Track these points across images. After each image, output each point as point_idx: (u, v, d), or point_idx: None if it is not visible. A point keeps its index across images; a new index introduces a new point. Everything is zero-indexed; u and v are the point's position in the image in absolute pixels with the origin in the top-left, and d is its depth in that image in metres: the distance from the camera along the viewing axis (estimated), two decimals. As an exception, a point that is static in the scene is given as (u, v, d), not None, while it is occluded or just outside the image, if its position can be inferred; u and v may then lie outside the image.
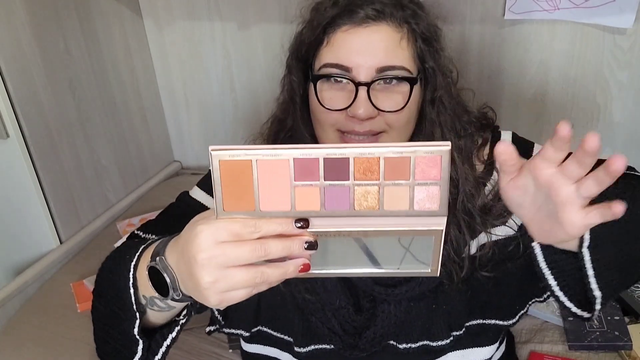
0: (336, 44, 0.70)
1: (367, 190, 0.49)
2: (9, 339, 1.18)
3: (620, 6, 1.23)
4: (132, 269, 0.63)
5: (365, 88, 0.70)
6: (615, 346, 1.02)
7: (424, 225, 0.50)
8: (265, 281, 0.50)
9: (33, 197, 1.37)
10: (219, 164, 0.49)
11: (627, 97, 1.35)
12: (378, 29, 0.70)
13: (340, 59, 0.70)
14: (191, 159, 1.92)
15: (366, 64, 0.69)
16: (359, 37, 0.69)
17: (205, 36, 1.66)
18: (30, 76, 1.31)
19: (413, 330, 0.82)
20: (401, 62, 0.71)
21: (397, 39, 0.70)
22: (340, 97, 0.72)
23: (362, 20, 0.69)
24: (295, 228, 0.50)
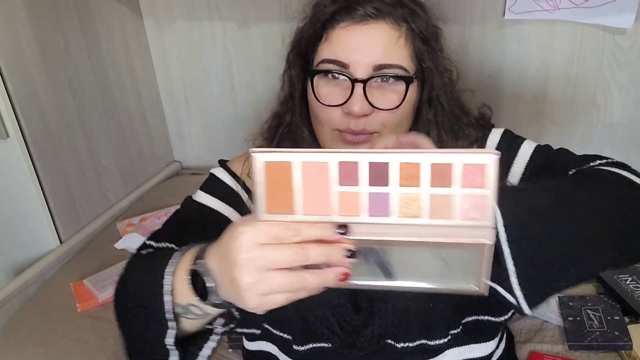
0: (334, 40, 0.71)
1: (410, 197, 0.47)
2: (9, 339, 1.18)
3: (620, 6, 1.23)
4: (169, 276, 0.62)
5: (361, 85, 0.70)
6: (615, 346, 1.02)
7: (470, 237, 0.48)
8: (305, 287, 0.50)
9: (33, 197, 1.37)
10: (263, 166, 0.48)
11: (627, 97, 1.35)
12: (377, 26, 0.70)
13: (337, 55, 0.71)
14: (191, 159, 1.92)
15: (363, 61, 0.70)
16: (357, 34, 0.70)
17: (205, 36, 1.66)
18: (30, 76, 1.31)
19: (411, 329, 0.81)
20: (398, 60, 0.71)
21: (395, 38, 0.70)
22: (336, 94, 0.72)
23: (361, 17, 0.69)
24: (335, 234, 0.49)
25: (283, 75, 0.83)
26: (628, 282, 1.15)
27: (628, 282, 1.15)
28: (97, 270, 1.34)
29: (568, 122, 1.43)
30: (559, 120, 1.43)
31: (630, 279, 1.16)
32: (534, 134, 1.48)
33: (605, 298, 1.13)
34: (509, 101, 1.45)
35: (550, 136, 1.46)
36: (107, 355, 1.12)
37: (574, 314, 1.10)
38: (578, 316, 1.09)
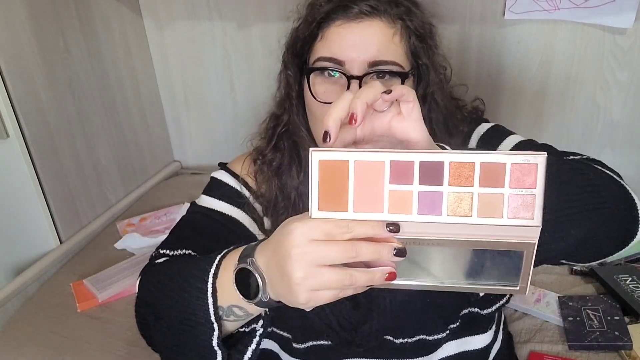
0: (330, 39, 0.72)
1: (460, 196, 0.48)
2: (9, 339, 1.18)
3: (620, 6, 1.23)
4: (211, 278, 0.63)
5: (357, 82, 0.71)
6: (615, 346, 1.02)
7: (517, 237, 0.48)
8: (353, 284, 0.51)
9: (33, 197, 1.37)
10: (318, 164, 0.49)
11: (627, 97, 1.35)
12: (371, 24, 0.71)
13: (333, 53, 0.71)
14: (191, 159, 1.92)
15: (359, 58, 0.70)
16: (352, 32, 0.71)
17: (205, 36, 1.66)
18: (30, 76, 1.31)
19: (409, 325, 0.82)
20: (393, 57, 0.72)
21: (390, 35, 0.71)
22: (332, 91, 0.73)
23: (356, 15, 0.70)
24: (386, 232, 0.50)
25: (279, 75, 0.84)
26: (628, 282, 1.15)
27: (628, 282, 1.15)
28: (97, 270, 1.34)
29: (568, 121, 1.43)
30: (559, 120, 1.43)
31: (630, 279, 1.16)
32: (533, 134, 1.48)
33: (605, 298, 1.13)
34: (508, 101, 1.45)
35: (550, 136, 1.46)
36: (107, 356, 1.12)
37: (574, 314, 1.10)
38: (578, 316, 1.09)
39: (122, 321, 1.20)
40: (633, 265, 1.22)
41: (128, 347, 1.13)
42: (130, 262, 1.36)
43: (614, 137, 1.41)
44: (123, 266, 1.34)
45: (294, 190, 0.82)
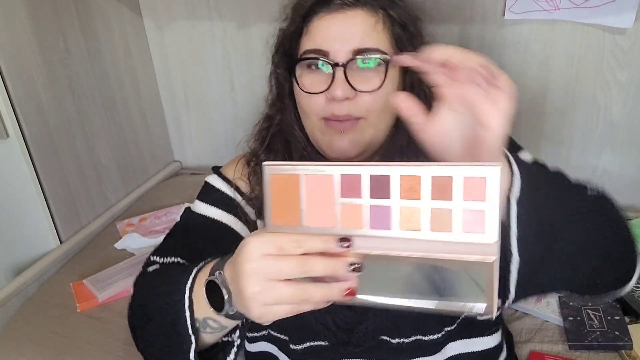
0: (314, 31, 0.73)
1: (411, 210, 0.47)
2: (9, 339, 1.18)
3: (620, 6, 1.23)
4: (187, 291, 0.63)
5: (342, 69, 0.71)
6: (616, 346, 1.02)
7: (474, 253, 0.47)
8: (308, 300, 0.51)
9: (33, 197, 1.37)
10: (270, 178, 0.49)
11: (627, 97, 1.35)
12: (353, 14, 0.72)
13: (317, 44, 0.73)
14: (191, 159, 1.92)
15: (343, 48, 0.72)
16: (334, 23, 0.72)
17: (205, 36, 1.66)
18: (30, 76, 1.31)
19: (405, 325, 0.82)
20: (377, 44, 0.73)
21: (373, 23, 0.73)
22: (319, 82, 0.74)
23: (338, 7, 0.72)
24: (338, 246, 0.49)
25: (270, 76, 0.85)
26: (628, 282, 1.15)
27: (628, 282, 1.15)
28: (97, 270, 1.34)
29: (568, 122, 1.43)
30: (559, 120, 1.43)
31: (630, 279, 1.16)
32: (533, 134, 1.48)
33: (605, 298, 1.13)
34: (509, 101, 1.45)
35: (550, 136, 1.46)
36: (107, 356, 1.12)
37: (574, 313, 1.10)
38: (578, 316, 1.09)
39: (122, 321, 1.20)
40: (633, 265, 1.22)
41: (128, 347, 1.13)
42: (130, 262, 1.36)
43: (614, 137, 1.41)
44: (123, 266, 1.34)
45: None
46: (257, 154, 0.87)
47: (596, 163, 1.46)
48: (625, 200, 1.47)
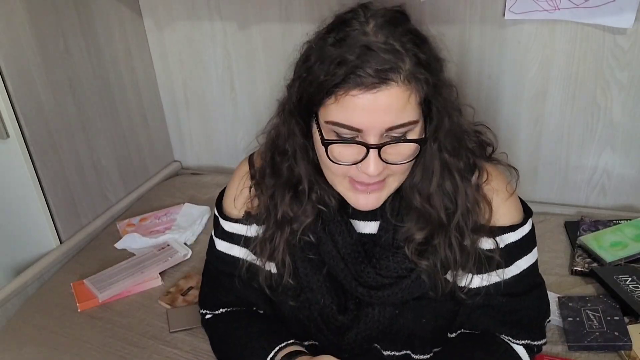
0: (345, 106, 0.68)
1: None
2: (9, 339, 1.18)
3: (620, 6, 1.22)
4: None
5: (376, 150, 0.69)
6: (615, 346, 1.02)
7: None
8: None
9: (33, 197, 1.37)
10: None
11: (627, 97, 1.35)
12: (388, 92, 0.67)
13: (350, 121, 0.69)
14: (191, 159, 1.92)
15: (376, 126, 0.68)
16: (367, 100, 0.67)
17: (205, 36, 1.66)
18: (30, 76, 1.32)
19: (397, 338, 0.84)
20: (410, 117, 0.69)
21: (406, 97, 0.68)
22: (349, 154, 0.71)
23: (371, 85, 0.66)
24: None
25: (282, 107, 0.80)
26: (628, 283, 1.15)
27: (628, 283, 1.15)
28: (97, 270, 1.34)
29: (568, 122, 1.42)
30: (559, 120, 1.43)
31: (630, 279, 1.16)
32: (534, 134, 1.48)
33: (604, 298, 1.13)
34: (509, 101, 1.45)
35: (550, 136, 1.46)
36: (107, 356, 1.12)
37: (574, 314, 1.10)
38: (578, 316, 1.09)
39: (122, 321, 1.20)
40: (633, 266, 1.22)
41: (128, 347, 1.13)
42: (131, 262, 1.36)
43: (614, 137, 1.41)
44: (123, 266, 1.34)
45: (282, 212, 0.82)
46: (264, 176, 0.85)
47: (596, 163, 1.46)
48: (625, 200, 1.48)
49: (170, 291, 1.28)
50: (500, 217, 0.81)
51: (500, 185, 0.81)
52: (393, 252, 0.80)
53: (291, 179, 0.81)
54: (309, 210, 0.81)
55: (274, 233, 0.82)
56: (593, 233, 1.33)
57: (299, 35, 0.76)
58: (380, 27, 0.69)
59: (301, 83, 0.73)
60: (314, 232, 0.82)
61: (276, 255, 0.83)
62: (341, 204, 0.81)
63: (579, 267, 1.25)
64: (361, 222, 0.83)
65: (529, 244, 0.84)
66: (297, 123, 0.77)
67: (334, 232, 0.82)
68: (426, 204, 0.77)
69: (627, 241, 1.29)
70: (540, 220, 1.43)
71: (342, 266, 0.81)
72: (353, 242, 0.82)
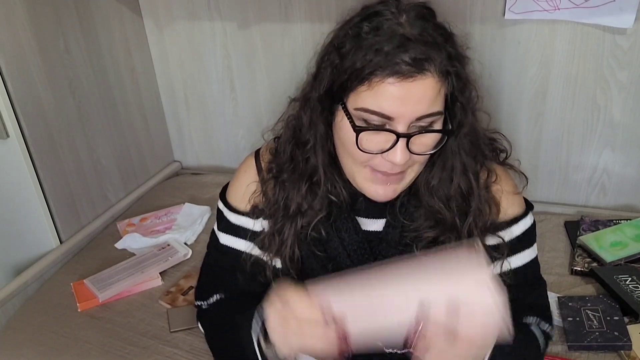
0: (379, 93, 0.68)
1: None
2: (9, 339, 1.18)
3: (620, 6, 1.23)
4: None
5: (405, 139, 0.70)
6: (615, 346, 1.02)
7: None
8: None
9: (33, 197, 1.37)
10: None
11: (627, 97, 1.35)
12: (423, 82, 0.68)
13: (383, 109, 0.69)
14: (191, 159, 1.92)
15: (407, 115, 0.69)
16: (402, 89, 0.68)
17: (205, 36, 1.66)
18: (30, 76, 1.32)
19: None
20: (438, 108, 0.71)
21: (438, 88, 0.70)
22: (377, 142, 0.71)
23: (407, 74, 0.67)
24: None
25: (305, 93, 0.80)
26: (627, 282, 1.15)
27: (627, 282, 1.15)
28: (97, 270, 1.34)
29: (568, 122, 1.43)
30: (559, 120, 1.43)
31: (629, 279, 1.16)
32: (533, 134, 1.48)
33: (604, 298, 1.13)
34: (509, 101, 1.45)
35: (550, 136, 1.46)
36: (107, 356, 1.12)
37: (574, 314, 1.10)
38: (577, 316, 1.09)
39: (122, 321, 1.20)
40: (633, 266, 1.22)
41: (128, 347, 1.13)
42: (131, 262, 1.36)
43: (614, 137, 1.41)
44: (124, 266, 1.34)
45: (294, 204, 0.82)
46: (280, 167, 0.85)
47: (596, 163, 1.46)
48: (625, 200, 1.48)
49: (171, 291, 1.28)
50: (505, 212, 0.83)
51: (507, 186, 0.84)
52: (399, 250, 0.81)
53: (307, 170, 0.81)
54: (320, 204, 0.81)
55: (284, 226, 0.83)
56: (593, 233, 1.33)
57: (299, 35, 0.76)
58: (414, 19, 0.70)
59: (333, 70, 0.73)
60: (322, 228, 0.83)
61: (284, 250, 0.83)
62: (351, 199, 0.82)
63: (579, 267, 1.25)
64: (367, 220, 0.84)
65: (530, 238, 0.86)
66: (322, 111, 0.77)
67: (341, 229, 0.83)
68: (442, 205, 0.78)
69: (627, 241, 1.29)
70: (540, 220, 1.43)
71: (347, 262, 0.82)
72: (359, 239, 0.83)
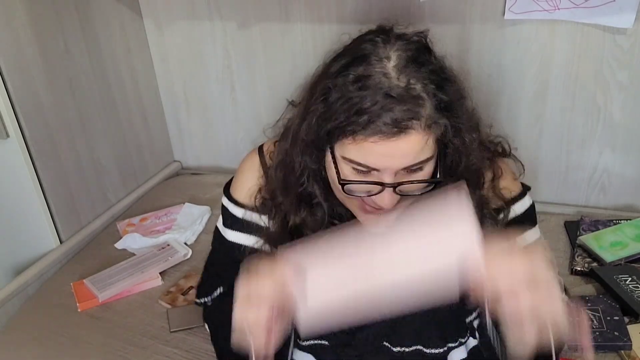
0: (364, 149, 0.68)
1: None
2: (9, 339, 1.18)
3: (620, 6, 1.23)
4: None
5: (391, 189, 0.69)
6: (615, 346, 1.02)
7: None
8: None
9: (33, 197, 1.37)
10: None
11: (627, 97, 1.35)
12: (406, 139, 0.66)
13: (368, 162, 0.68)
14: (191, 159, 1.92)
15: (394, 168, 0.68)
16: (386, 148, 0.66)
17: (205, 36, 1.66)
18: (30, 76, 1.32)
19: (406, 334, 0.84)
20: (426, 155, 0.69)
21: (424, 141, 0.67)
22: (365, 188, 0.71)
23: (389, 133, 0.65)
24: None
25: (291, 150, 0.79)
26: (627, 282, 1.15)
27: (627, 282, 1.15)
28: (97, 270, 1.34)
29: (568, 122, 1.43)
30: (559, 120, 1.43)
31: (630, 279, 1.16)
32: (534, 134, 1.48)
33: (604, 298, 1.13)
34: (508, 101, 1.45)
35: (550, 136, 1.46)
36: (107, 356, 1.12)
37: (574, 314, 1.10)
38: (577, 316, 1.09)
39: (122, 321, 1.20)
40: (633, 266, 1.22)
41: (128, 347, 1.13)
42: (131, 262, 1.36)
43: (614, 137, 1.41)
44: (124, 266, 1.34)
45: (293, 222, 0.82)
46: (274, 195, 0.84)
47: (596, 163, 1.46)
48: (625, 200, 1.48)
49: (171, 291, 1.28)
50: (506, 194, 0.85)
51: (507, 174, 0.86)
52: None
53: (304, 195, 0.81)
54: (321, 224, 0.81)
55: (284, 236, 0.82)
56: (593, 233, 1.33)
57: (299, 35, 0.76)
58: (402, 68, 0.67)
59: (318, 118, 0.72)
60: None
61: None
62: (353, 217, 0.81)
63: (579, 267, 1.25)
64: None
65: (532, 218, 0.87)
66: (311, 153, 0.76)
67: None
68: None
69: (627, 241, 1.29)
70: (541, 220, 1.41)
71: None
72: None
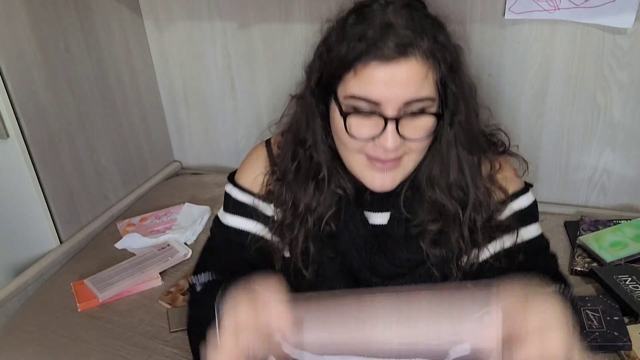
0: (364, 78, 0.70)
1: None
2: (9, 339, 1.18)
3: (620, 6, 1.23)
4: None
5: (394, 122, 0.71)
6: (615, 346, 1.02)
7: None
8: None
9: (33, 197, 1.37)
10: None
11: (627, 97, 1.35)
12: (406, 64, 0.69)
13: (369, 93, 0.70)
14: (191, 159, 1.92)
15: (394, 99, 0.70)
16: (387, 73, 0.69)
17: (205, 36, 1.66)
18: (30, 76, 1.32)
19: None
20: (427, 93, 0.71)
21: (424, 72, 0.70)
22: (367, 127, 0.72)
23: (390, 57, 0.69)
24: None
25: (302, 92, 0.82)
26: (627, 283, 1.15)
27: (627, 283, 1.15)
28: (97, 270, 1.34)
29: (568, 122, 1.43)
30: (559, 120, 1.43)
31: (629, 279, 1.16)
32: (534, 134, 1.48)
33: (604, 298, 1.13)
34: (508, 101, 1.45)
35: (550, 136, 1.46)
36: (107, 356, 1.12)
37: (574, 314, 1.10)
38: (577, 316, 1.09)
39: (122, 321, 1.20)
40: (633, 266, 1.22)
41: (128, 347, 1.13)
42: (131, 262, 1.36)
43: (614, 137, 1.41)
44: (124, 266, 1.34)
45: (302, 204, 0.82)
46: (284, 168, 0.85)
47: (596, 163, 1.46)
48: (625, 200, 1.48)
49: (171, 291, 1.28)
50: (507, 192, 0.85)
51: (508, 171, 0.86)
52: (405, 243, 0.82)
53: (311, 168, 0.82)
54: (329, 200, 0.81)
55: (293, 224, 0.83)
56: (593, 233, 1.34)
57: (299, 35, 0.77)
58: (400, 9, 0.72)
59: (322, 62, 0.76)
60: (333, 223, 0.83)
61: (295, 245, 0.83)
62: (357, 192, 0.82)
63: (579, 267, 1.25)
64: (373, 214, 0.84)
65: (535, 214, 0.88)
66: (317, 105, 0.78)
67: (349, 223, 0.83)
68: (444, 196, 0.79)
69: (627, 241, 1.29)
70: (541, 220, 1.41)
71: (356, 256, 0.83)
72: (366, 233, 0.83)
